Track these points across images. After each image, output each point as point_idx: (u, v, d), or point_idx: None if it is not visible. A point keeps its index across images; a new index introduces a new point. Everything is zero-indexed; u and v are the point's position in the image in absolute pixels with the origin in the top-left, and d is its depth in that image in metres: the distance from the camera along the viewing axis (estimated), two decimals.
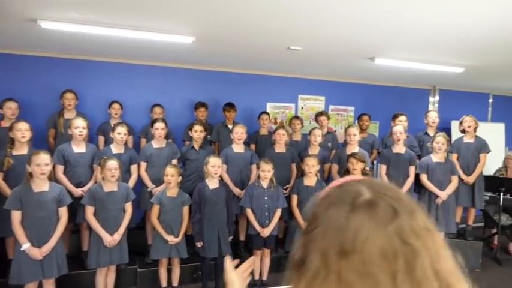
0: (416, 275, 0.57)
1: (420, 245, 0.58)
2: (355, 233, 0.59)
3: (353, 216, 0.60)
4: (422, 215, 0.64)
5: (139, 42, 3.65)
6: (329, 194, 0.68)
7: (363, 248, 0.58)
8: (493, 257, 4.87)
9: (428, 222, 0.64)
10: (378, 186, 0.66)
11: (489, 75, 4.91)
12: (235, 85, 5.33)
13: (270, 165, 3.68)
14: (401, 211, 0.61)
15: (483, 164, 4.55)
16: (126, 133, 3.72)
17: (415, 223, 0.60)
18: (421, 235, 0.60)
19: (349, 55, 3.95)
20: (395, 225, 0.59)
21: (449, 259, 0.64)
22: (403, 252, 0.57)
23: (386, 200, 0.62)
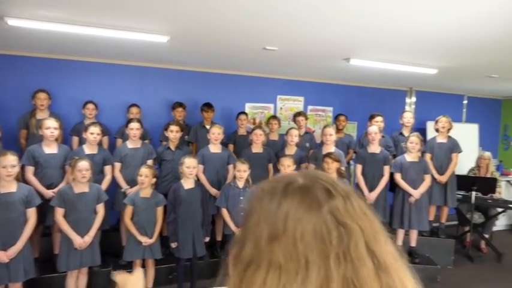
0: (351, 254, 0.56)
1: (356, 226, 0.58)
2: (286, 215, 0.58)
3: (285, 201, 0.60)
4: (358, 199, 0.64)
5: (113, 41, 3.60)
6: (263, 186, 0.67)
7: (294, 229, 0.57)
8: (465, 254, 4.99)
9: (365, 206, 0.64)
10: (313, 174, 0.66)
11: (461, 76, 5.03)
12: (214, 85, 5.32)
13: (245, 165, 3.68)
14: (336, 193, 0.61)
15: (455, 163, 4.66)
16: (99, 133, 3.66)
17: (350, 205, 0.60)
18: (357, 217, 0.59)
19: (325, 56, 3.99)
20: (329, 205, 0.59)
21: (388, 243, 0.63)
22: (337, 232, 0.57)
23: (320, 183, 0.62)
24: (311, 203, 0.59)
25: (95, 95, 4.62)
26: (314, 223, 0.57)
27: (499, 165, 6.59)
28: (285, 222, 0.58)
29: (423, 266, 4.24)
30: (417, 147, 4.22)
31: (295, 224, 0.57)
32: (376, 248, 0.59)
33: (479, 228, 5.16)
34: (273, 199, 0.62)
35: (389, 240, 0.64)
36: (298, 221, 0.58)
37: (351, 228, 0.58)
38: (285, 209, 0.59)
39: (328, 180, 0.64)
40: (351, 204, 0.61)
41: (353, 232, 0.57)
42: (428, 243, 4.70)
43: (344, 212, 0.59)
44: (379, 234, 0.62)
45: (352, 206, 0.61)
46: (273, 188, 0.64)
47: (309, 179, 0.64)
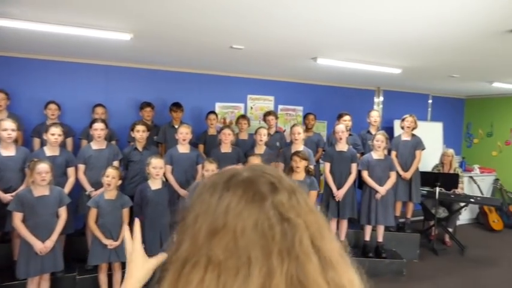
0: (295, 249, 0.54)
1: (300, 221, 0.56)
2: (227, 209, 0.55)
3: (226, 194, 0.57)
4: (304, 195, 0.62)
5: (76, 39, 3.49)
6: (206, 181, 0.64)
7: (235, 224, 0.54)
8: (430, 248, 5.16)
9: (311, 203, 0.62)
10: (259, 168, 0.64)
11: (425, 76, 5.19)
12: (183, 85, 5.26)
13: (213, 164, 3.65)
14: (281, 188, 0.59)
15: (418, 160, 4.81)
16: (61, 134, 3.54)
17: (295, 200, 0.58)
18: (302, 212, 0.57)
19: (292, 55, 4.02)
20: (273, 199, 0.56)
21: (333, 239, 0.62)
22: (281, 227, 0.54)
23: (265, 177, 0.60)
24: (254, 196, 0.56)
25: (58, 95, 4.47)
26: (256, 217, 0.54)
27: (462, 161, 6.86)
28: (225, 216, 0.55)
29: (390, 261, 4.36)
30: (383, 145, 4.32)
31: (236, 219, 0.55)
32: (322, 243, 0.57)
33: (443, 222, 5.34)
34: (214, 193, 0.59)
35: (334, 237, 0.63)
36: (239, 215, 0.55)
37: (296, 223, 0.55)
38: (226, 203, 0.56)
39: (274, 174, 0.62)
40: (296, 199, 0.59)
41: (297, 227, 0.55)
42: (395, 238, 4.83)
43: (289, 206, 0.56)
44: (324, 230, 0.60)
45: (298, 201, 0.59)
46: (214, 182, 0.61)
47: (254, 172, 0.61)
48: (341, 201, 4.24)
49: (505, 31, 2.82)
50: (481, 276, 4.41)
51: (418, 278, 4.28)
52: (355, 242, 4.78)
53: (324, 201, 4.40)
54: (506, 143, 6.71)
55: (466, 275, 4.41)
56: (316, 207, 0.64)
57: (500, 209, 6.23)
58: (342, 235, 4.43)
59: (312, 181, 3.87)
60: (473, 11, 2.48)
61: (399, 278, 4.27)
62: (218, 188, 0.59)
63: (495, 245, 5.53)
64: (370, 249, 4.46)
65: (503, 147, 6.76)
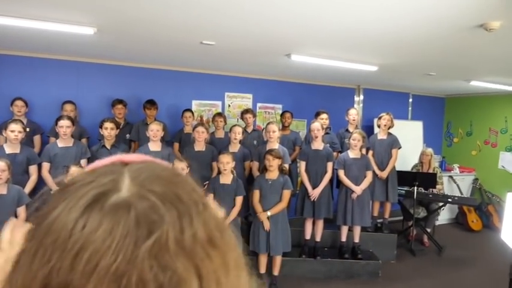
0: None
1: (191, 271, 0.37)
2: (80, 250, 0.35)
3: (85, 225, 0.36)
4: (210, 220, 0.41)
5: (40, 34, 3.35)
6: (72, 181, 0.41)
7: (89, 277, 0.34)
8: (408, 249, 5.12)
9: (219, 232, 0.41)
10: (147, 177, 0.41)
11: (402, 74, 5.16)
12: (159, 82, 5.14)
13: (183, 163, 3.55)
14: (169, 218, 0.38)
15: (395, 159, 4.77)
16: (21, 131, 3.40)
17: (190, 235, 0.38)
18: (197, 253, 0.38)
19: (265, 51, 3.93)
20: (153, 241, 0.36)
21: (241, 277, 0.43)
22: (157, 285, 0.35)
23: (150, 199, 0.38)
24: (122, 236, 0.35)
25: (26, 91, 4.32)
26: (122, 269, 0.34)
27: (442, 161, 6.87)
28: (75, 259, 0.34)
29: (366, 262, 4.30)
30: (359, 144, 4.26)
31: (91, 269, 0.34)
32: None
33: (421, 222, 5.31)
34: (71, 212, 0.36)
35: (245, 274, 0.44)
36: (98, 262, 0.34)
37: (182, 276, 0.36)
38: (81, 241, 0.34)
39: (167, 191, 0.40)
40: (193, 231, 0.38)
41: (184, 282, 0.36)
42: (372, 238, 4.78)
43: (176, 249, 0.37)
44: (228, 274, 0.41)
45: (196, 235, 0.38)
46: (78, 191, 0.38)
47: (139, 187, 0.39)
48: (316, 201, 4.17)
49: (475, 26, 2.78)
50: (457, 277, 4.38)
51: (394, 279, 4.23)
52: (332, 242, 4.72)
53: (299, 200, 4.32)
54: (485, 142, 6.73)
55: (442, 276, 4.38)
56: (227, 233, 0.43)
57: (479, 209, 6.24)
58: (317, 236, 4.36)
59: (285, 180, 3.79)
60: (446, 6, 2.43)
61: (375, 279, 4.22)
62: (78, 207, 0.37)
63: (473, 245, 5.52)
64: (347, 250, 4.40)
65: (482, 147, 6.78)
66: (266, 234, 3.72)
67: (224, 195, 3.72)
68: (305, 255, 4.31)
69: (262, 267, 3.90)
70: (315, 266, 4.27)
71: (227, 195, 3.73)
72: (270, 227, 3.71)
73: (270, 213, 3.70)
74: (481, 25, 2.73)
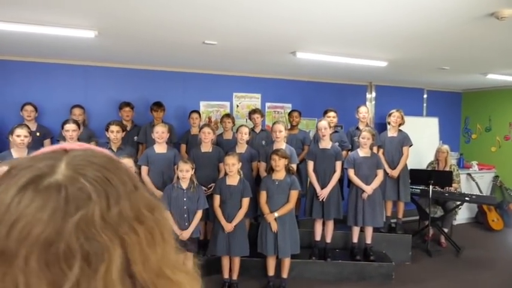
0: (96, 283, 0.40)
1: (115, 242, 0.42)
2: (15, 221, 0.40)
3: (20, 201, 0.41)
4: (139, 200, 0.47)
5: (44, 39, 3.39)
6: (14, 166, 0.46)
7: (22, 244, 0.40)
8: (424, 250, 4.95)
9: (148, 211, 0.47)
10: (81, 163, 0.46)
11: (413, 69, 5.00)
12: (166, 84, 5.15)
13: (188, 164, 3.52)
14: (96, 197, 0.43)
15: (406, 157, 4.62)
16: (27, 135, 3.43)
17: (116, 212, 0.43)
18: (122, 227, 0.43)
19: (269, 49, 3.86)
20: (79, 216, 0.41)
21: (168, 259, 0.49)
22: (83, 253, 0.40)
23: (81, 182, 0.44)
24: (54, 210, 0.41)
25: (36, 96, 4.40)
26: (51, 239, 0.40)
27: (459, 158, 6.63)
28: (10, 232, 0.40)
29: (378, 264, 4.17)
30: (369, 142, 4.14)
31: (22, 238, 0.39)
32: (145, 268, 0.44)
33: (438, 222, 5.13)
34: (8, 192, 0.42)
35: (172, 249, 0.50)
36: (28, 234, 0.39)
37: (106, 246, 0.42)
38: (15, 215, 0.40)
39: (98, 175, 0.45)
40: (119, 210, 0.44)
41: (108, 252, 0.42)
42: (385, 239, 4.64)
43: (101, 223, 0.42)
44: (155, 250, 0.46)
45: (121, 213, 0.44)
46: (16, 175, 0.44)
47: (73, 171, 0.44)
48: (325, 201, 4.07)
49: (485, 15, 2.64)
50: (476, 279, 4.20)
51: (408, 281, 4.09)
52: (343, 244, 4.61)
53: (308, 201, 4.23)
54: (505, 137, 6.45)
55: (459, 278, 4.21)
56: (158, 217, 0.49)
57: (500, 207, 5.99)
58: (327, 237, 4.26)
59: (292, 180, 3.71)
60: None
61: (388, 282, 4.08)
62: (14, 187, 0.42)
63: (493, 246, 5.30)
64: (358, 252, 4.28)
65: (502, 143, 6.50)
66: (274, 235, 3.65)
67: (231, 197, 3.67)
68: (315, 256, 4.21)
69: (270, 270, 3.83)
70: (326, 268, 4.17)
71: (234, 196, 3.68)
72: (278, 229, 3.63)
73: (277, 214, 3.63)
74: (492, 14, 2.59)
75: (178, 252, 0.52)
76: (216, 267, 3.89)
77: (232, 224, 3.63)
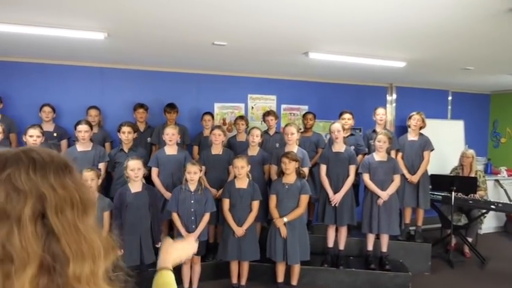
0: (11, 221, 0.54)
1: (33, 193, 0.56)
2: None
3: None
4: (65, 174, 0.62)
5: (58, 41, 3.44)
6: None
7: None
8: (446, 260, 4.70)
9: (75, 184, 0.62)
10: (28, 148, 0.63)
11: (434, 70, 4.78)
12: (181, 85, 5.15)
13: (196, 166, 3.48)
14: (24, 164, 0.58)
15: (427, 162, 4.41)
16: (39, 135, 3.51)
17: (40, 175, 0.58)
18: (44, 185, 0.57)
19: (280, 50, 3.78)
20: (7, 174, 0.56)
21: (86, 221, 0.61)
22: (6, 192, 0.55)
23: (20, 155, 0.60)
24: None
25: (54, 97, 4.49)
26: None
27: (487, 163, 6.29)
28: None
29: (394, 273, 3.99)
30: (385, 145, 3.97)
31: None
32: (57, 220, 0.57)
33: (461, 230, 4.87)
34: None
35: (91, 217, 0.63)
36: None
37: (26, 193, 0.56)
38: None
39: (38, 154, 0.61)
40: (41, 173, 0.59)
41: (25, 196, 0.55)
42: (403, 248, 4.44)
43: (26, 180, 0.56)
44: (73, 207, 0.60)
45: (44, 175, 0.58)
46: None
47: (19, 150, 0.61)
48: (338, 207, 3.93)
49: (507, 10, 2.45)
50: None
51: None
52: (358, 251, 4.44)
53: (320, 206, 4.10)
54: None
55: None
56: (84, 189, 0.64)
57: None
58: (341, 244, 4.11)
59: (303, 184, 3.60)
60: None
61: None
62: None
63: None
64: (373, 260, 4.11)
65: None
66: (283, 241, 3.55)
67: (240, 200, 3.61)
68: (327, 264, 4.08)
69: (279, 276, 3.74)
70: (338, 276, 4.02)
71: (243, 199, 3.62)
72: (287, 234, 3.53)
73: (287, 219, 3.53)
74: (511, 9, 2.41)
75: (96, 221, 0.66)
76: (225, 271, 3.83)
77: (243, 228, 3.56)
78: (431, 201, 4.95)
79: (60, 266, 0.56)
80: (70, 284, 0.56)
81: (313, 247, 4.20)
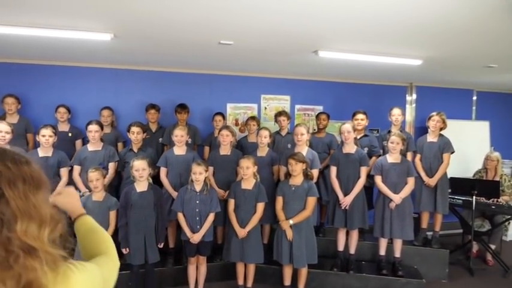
0: None
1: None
2: None
3: None
4: (22, 162, 0.77)
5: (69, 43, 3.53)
6: None
7: None
8: (466, 267, 4.47)
9: (29, 169, 0.78)
10: None
11: (454, 68, 4.56)
12: (193, 86, 5.17)
13: (201, 167, 3.46)
14: None
15: (446, 165, 4.20)
16: (51, 135, 3.60)
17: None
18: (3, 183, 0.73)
19: (288, 49, 3.71)
20: None
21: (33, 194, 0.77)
22: None
23: None
24: None
25: (70, 99, 4.62)
26: None
27: None
28: None
29: (406, 280, 3.83)
30: (398, 147, 3.82)
31: None
32: (10, 189, 0.73)
33: (484, 237, 4.61)
34: None
35: (44, 195, 0.80)
36: None
37: None
38: None
39: None
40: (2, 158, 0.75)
41: None
42: (419, 253, 4.26)
43: None
44: (25, 182, 0.75)
45: (4, 160, 0.75)
46: None
47: None
48: (349, 210, 3.81)
49: None
50: None
51: None
52: (371, 256, 4.29)
53: (330, 208, 3.99)
54: None
55: None
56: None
57: None
58: (351, 248, 3.99)
59: (310, 186, 3.51)
60: None
61: None
62: None
63: None
64: (385, 266, 3.96)
65: None
66: (289, 244, 3.48)
67: (245, 201, 3.56)
68: (337, 268, 3.96)
69: (286, 279, 3.67)
70: (348, 281, 3.90)
71: (248, 201, 3.57)
72: (293, 237, 3.46)
73: (293, 221, 3.45)
74: None
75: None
76: (232, 272, 3.80)
77: (245, 230, 3.51)
78: (451, 206, 4.74)
79: (9, 222, 0.70)
80: (18, 237, 0.70)
81: (325, 250, 4.11)
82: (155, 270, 3.59)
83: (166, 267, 3.91)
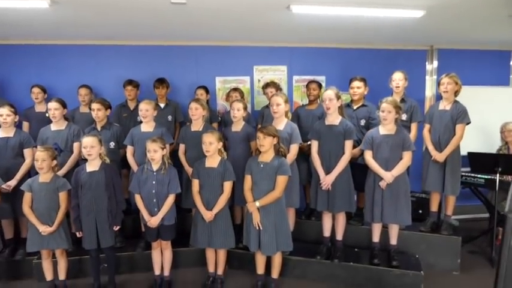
0: None
1: None
2: None
3: None
4: None
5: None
6: None
7: None
8: (488, 257, 3.77)
9: None
10: None
11: (468, 20, 3.74)
12: (178, 60, 4.82)
13: (156, 143, 3.12)
14: None
15: (459, 137, 3.48)
16: (9, 114, 3.44)
17: None
18: None
19: (252, 8, 3.19)
20: None
21: None
22: None
23: None
24: None
25: (48, 78, 4.50)
26: None
27: None
28: None
29: (401, 271, 3.25)
30: (390, 116, 3.20)
31: None
32: None
33: None
34: None
35: None
36: None
37: None
38: None
39: None
40: None
41: None
42: (426, 241, 3.65)
43: None
44: None
45: None
46: None
47: None
48: (331, 191, 3.28)
49: None
50: None
51: None
52: (368, 243, 3.72)
53: (312, 189, 3.49)
54: None
55: None
56: None
57: None
58: (338, 233, 3.47)
59: (280, 163, 3.03)
60: None
61: None
62: None
63: None
64: (378, 254, 3.40)
65: None
66: (257, 229, 3.06)
67: (210, 181, 3.18)
68: (320, 255, 3.48)
69: (259, 268, 3.26)
70: (334, 271, 3.41)
71: (213, 180, 3.18)
72: (261, 221, 3.03)
73: (259, 203, 3.01)
74: None
75: None
76: (202, 258, 3.47)
77: (212, 212, 3.14)
78: (472, 186, 4.03)
79: None
80: None
81: (318, 235, 3.65)
82: (116, 255, 3.37)
83: (136, 251, 3.67)
